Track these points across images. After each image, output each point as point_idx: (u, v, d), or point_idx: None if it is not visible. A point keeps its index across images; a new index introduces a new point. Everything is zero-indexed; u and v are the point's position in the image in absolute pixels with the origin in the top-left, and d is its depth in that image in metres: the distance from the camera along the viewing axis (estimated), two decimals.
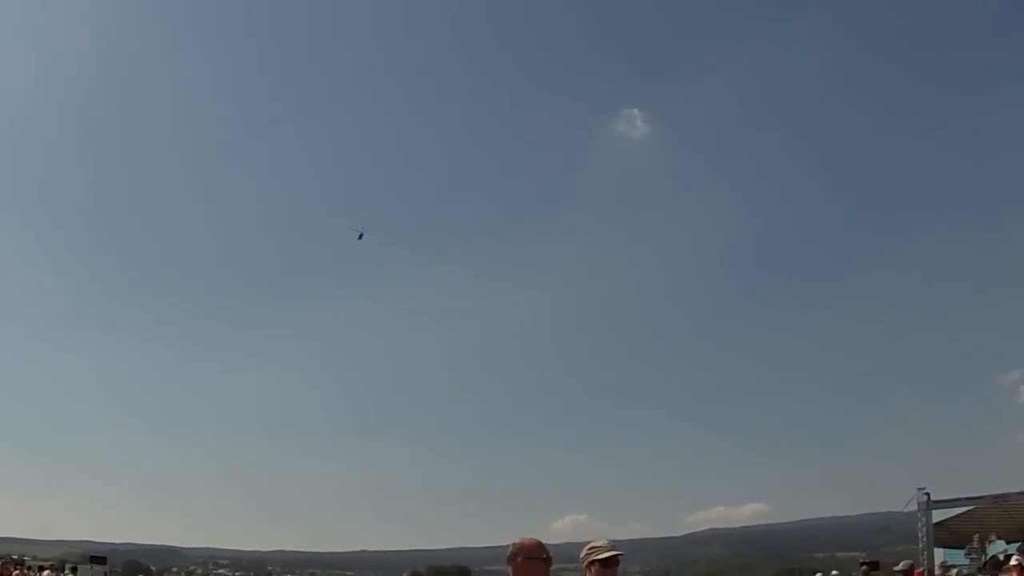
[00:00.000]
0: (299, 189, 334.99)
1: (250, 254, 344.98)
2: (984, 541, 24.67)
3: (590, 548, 4.37)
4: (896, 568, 17.47)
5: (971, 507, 26.99)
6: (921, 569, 25.62)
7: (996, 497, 26.27)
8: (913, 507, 28.83)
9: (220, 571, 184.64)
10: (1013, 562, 15.05)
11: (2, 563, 31.17)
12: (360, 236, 51.42)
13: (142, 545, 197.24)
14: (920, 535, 28.12)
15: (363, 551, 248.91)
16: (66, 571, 39.80)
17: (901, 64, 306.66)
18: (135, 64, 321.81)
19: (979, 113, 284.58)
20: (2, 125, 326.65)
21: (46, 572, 34.60)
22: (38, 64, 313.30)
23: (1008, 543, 23.66)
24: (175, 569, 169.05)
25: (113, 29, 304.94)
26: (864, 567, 25.25)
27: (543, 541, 3.98)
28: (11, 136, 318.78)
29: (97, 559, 44.95)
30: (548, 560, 4.06)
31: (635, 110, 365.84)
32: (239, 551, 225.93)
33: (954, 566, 23.43)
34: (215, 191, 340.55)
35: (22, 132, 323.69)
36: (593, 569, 4.28)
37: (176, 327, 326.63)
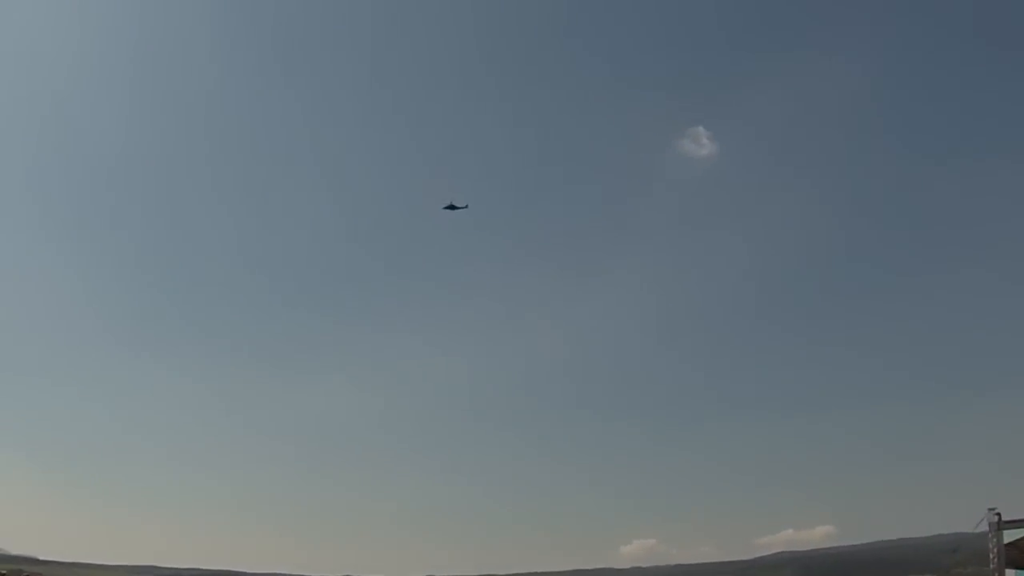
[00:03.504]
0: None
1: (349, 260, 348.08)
2: None
3: None
4: None
5: None
6: None
7: None
8: (984, 527, 28.40)
9: None
10: None
11: None
12: (449, 207, 58.81)
13: (208, 570, 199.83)
14: (991, 556, 27.67)
15: None
16: None
17: (969, 68, 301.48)
18: (253, 67, 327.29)
19: None
20: (122, 134, 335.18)
21: None
22: (161, 66, 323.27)
23: None
24: None
25: (230, 30, 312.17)
26: None
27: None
28: (127, 146, 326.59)
29: None
30: None
31: (700, 128, 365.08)
32: None
33: None
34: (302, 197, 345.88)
35: (138, 143, 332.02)
36: None
37: (247, 342, 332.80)
